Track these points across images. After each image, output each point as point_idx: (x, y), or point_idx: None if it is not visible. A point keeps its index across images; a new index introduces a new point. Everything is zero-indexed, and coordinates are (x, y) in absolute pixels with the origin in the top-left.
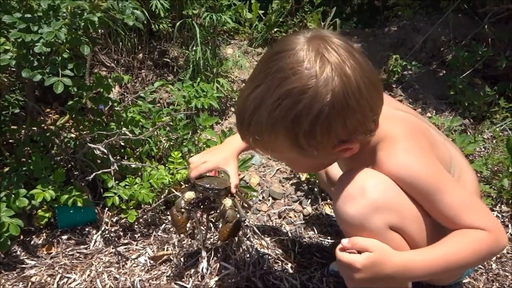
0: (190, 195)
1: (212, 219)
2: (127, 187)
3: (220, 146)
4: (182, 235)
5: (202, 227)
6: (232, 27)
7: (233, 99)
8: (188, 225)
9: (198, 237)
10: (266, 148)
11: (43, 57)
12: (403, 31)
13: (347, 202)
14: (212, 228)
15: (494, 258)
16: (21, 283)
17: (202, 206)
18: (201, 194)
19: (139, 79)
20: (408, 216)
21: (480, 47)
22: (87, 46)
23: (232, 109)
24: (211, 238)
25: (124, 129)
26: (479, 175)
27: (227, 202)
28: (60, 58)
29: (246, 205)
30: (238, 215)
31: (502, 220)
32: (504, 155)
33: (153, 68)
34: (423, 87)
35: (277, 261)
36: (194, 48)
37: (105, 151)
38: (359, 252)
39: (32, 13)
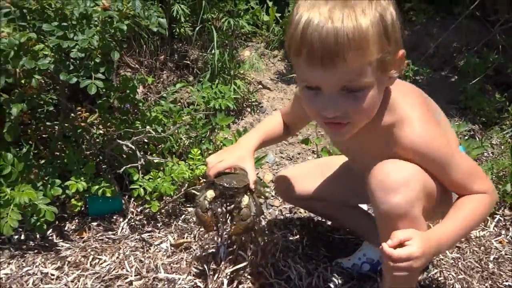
0: (211, 194)
1: (229, 211)
2: (151, 180)
3: (235, 145)
4: (211, 233)
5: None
6: (249, 30)
7: (249, 100)
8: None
9: (220, 228)
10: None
11: (77, 61)
12: (416, 36)
13: (391, 193)
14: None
15: (492, 258)
16: (59, 262)
17: (221, 201)
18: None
19: (161, 80)
20: (434, 196)
21: (491, 54)
22: (117, 52)
23: (248, 109)
24: (227, 228)
25: (148, 127)
26: None
27: (244, 200)
28: (92, 62)
29: (263, 197)
30: (252, 213)
31: (504, 223)
32: (510, 161)
33: (174, 69)
34: (434, 92)
35: (287, 252)
36: (213, 51)
37: (133, 147)
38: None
39: (66, 21)
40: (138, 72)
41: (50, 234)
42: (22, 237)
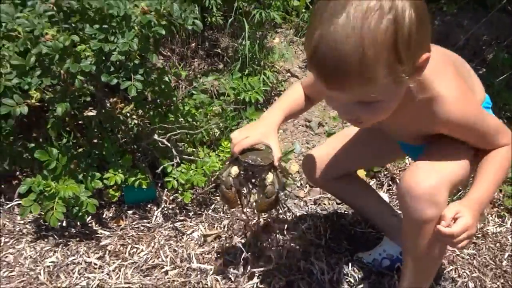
0: (235, 170)
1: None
2: (183, 172)
3: (259, 121)
4: (233, 210)
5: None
6: (279, 22)
7: (278, 89)
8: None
9: (245, 205)
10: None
11: (117, 63)
12: (446, 27)
13: (421, 202)
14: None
15: (506, 256)
16: (100, 251)
17: (245, 177)
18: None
19: (192, 67)
20: (463, 182)
21: None
22: (155, 54)
23: (276, 98)
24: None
25: (181, 119)
26: None
27: (269, 177)
28: (132, 64)
29: (286, 174)
30: (277, 189)
31: None
32: None
33: (205, 57)
34: None
35: (310, 245)
36: (243, 42)
37: (169, 145)
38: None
39: (106, 22)
40: (170, 60)
41: (90, 221)
42: (64, 224)
